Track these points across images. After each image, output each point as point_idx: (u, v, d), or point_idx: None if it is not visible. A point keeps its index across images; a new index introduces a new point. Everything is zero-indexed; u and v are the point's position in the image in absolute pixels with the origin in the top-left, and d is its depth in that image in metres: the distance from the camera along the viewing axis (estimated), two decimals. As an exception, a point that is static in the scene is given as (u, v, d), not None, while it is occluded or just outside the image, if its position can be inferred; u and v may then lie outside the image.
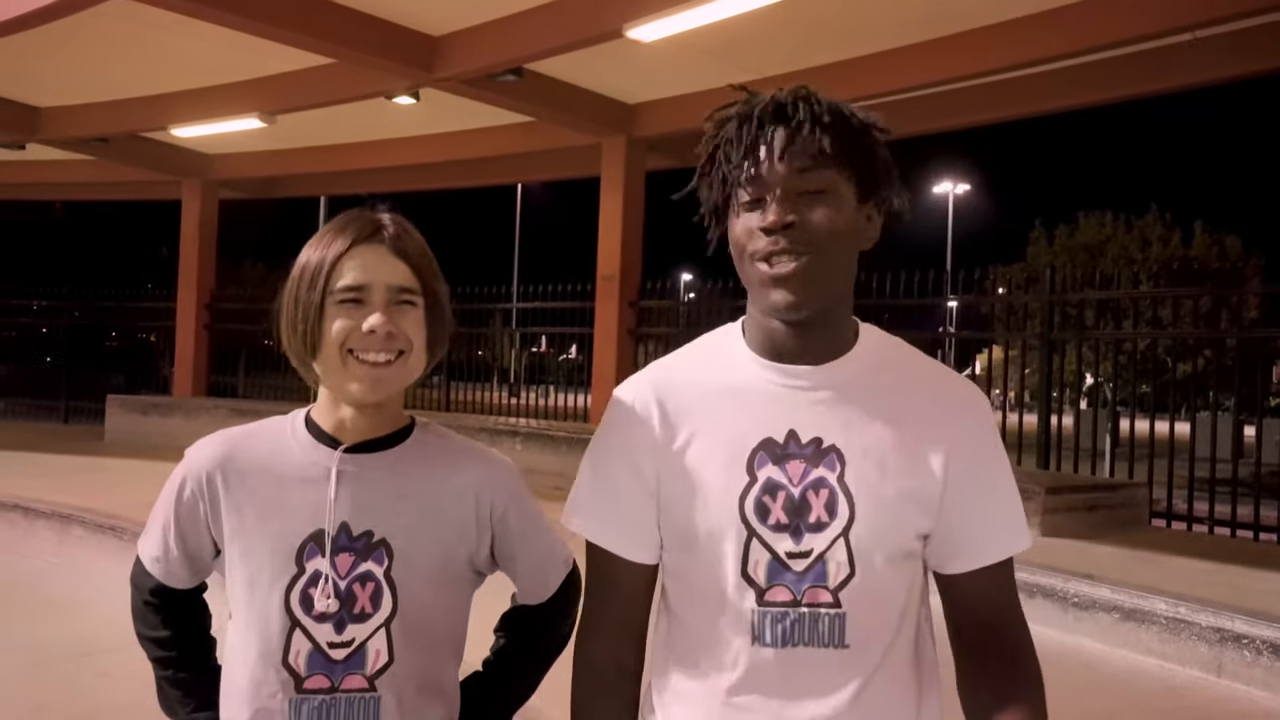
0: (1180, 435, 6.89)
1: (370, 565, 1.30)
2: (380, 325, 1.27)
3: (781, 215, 1.15)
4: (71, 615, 4.91)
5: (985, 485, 1.24)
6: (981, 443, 1.25)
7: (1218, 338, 7.14)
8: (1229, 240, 31.74)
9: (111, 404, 11.47)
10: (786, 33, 7.49)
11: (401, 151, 11.36)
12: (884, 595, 1.21)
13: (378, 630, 1.30)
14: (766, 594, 1.19)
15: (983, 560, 1.24)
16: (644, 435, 1.25)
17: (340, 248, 1.29)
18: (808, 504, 1.19)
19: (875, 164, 1.21)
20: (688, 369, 1.29)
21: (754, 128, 1.20)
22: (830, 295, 1.20)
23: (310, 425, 1.37)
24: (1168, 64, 7.40)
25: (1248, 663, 3.63)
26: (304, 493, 1.31)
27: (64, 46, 8.54)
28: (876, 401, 1.22)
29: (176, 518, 1.38)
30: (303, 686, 1.29)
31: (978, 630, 1.25)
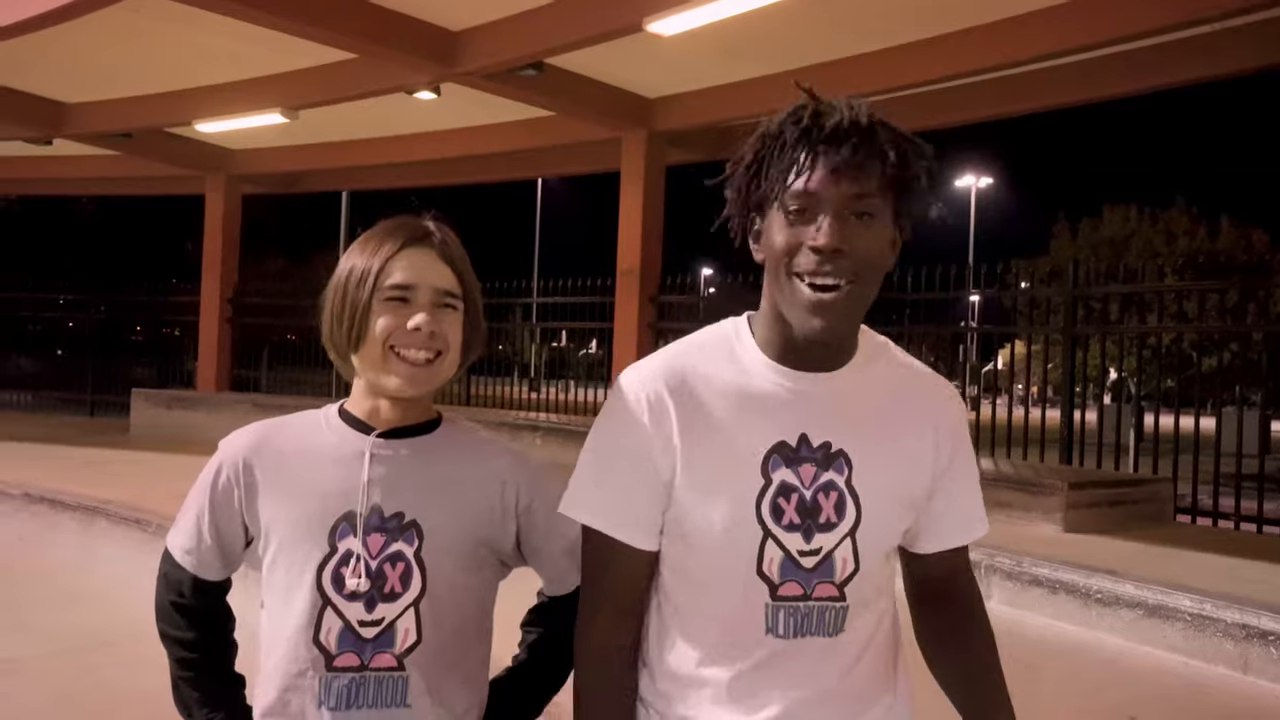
0: (1205, 430, 6.82)
1: (401, 545, 1.34)
2: (425, 324, 1.33)
3: (833, 240, 1.17)
4: (95, 606, 4.96)
5: (961, 479, 1.36)
6: (959, 440, 1.36)
7: (1244, 331, 7.06)
8: (1256, 233, 31.40)
9: (136, 398, 11.58)
10: (806, 26, 7.46)
11: (422, 146, 11.39)
12: (878, 585, 1.32)
13: (407, 609, 1.34)
14: (779, 589, 1.25)
15: (954, 543, 1.38)
16: (655, 427, 1.26)
17: (391, 249, 1.35)
18: (819, 505, 1.25)
19: (915, 196, 1.24)
20: (698, 365, 1.30)
21: (819, 140, 1.19)
22: (856, 322, 1.27)
23: (344, 415, 1.41)
24: (1193, 55, 7.30)
25: (1274, 659, 3.60)
26: (337, 474, 1.36)
27: (89, 42, 8.61)
28: (877, 406, 1.30)
29: (211, 505, 1.41)
30: (333, 664, 1.32)
31: (935, 589, 1.40)
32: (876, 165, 1.18)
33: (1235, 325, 7.07)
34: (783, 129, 1.23)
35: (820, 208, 1.18)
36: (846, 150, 1.18)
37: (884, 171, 1.19)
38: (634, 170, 9.81)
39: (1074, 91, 8.23)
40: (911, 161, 1.21)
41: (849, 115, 1.20)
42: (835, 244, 1.17)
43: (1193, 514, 6.79)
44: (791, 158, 1.20)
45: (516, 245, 74.27)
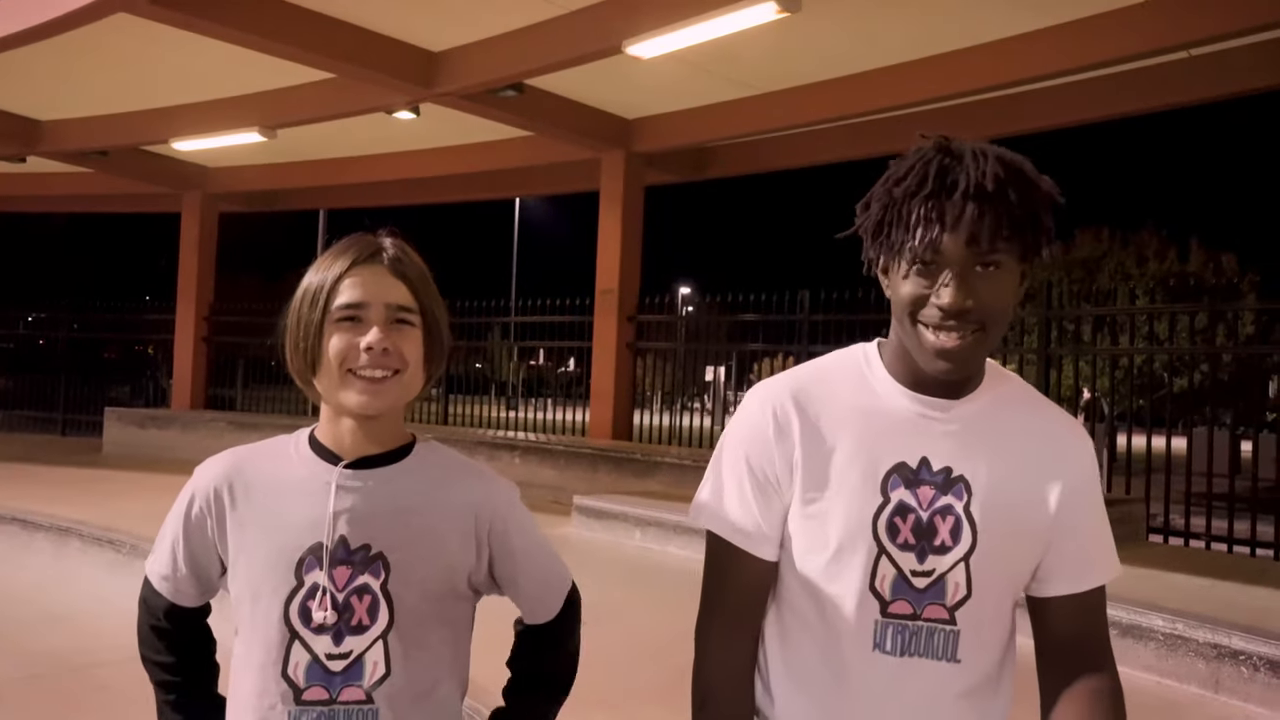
0: (1177, 450, 6.90)
1: (367, 578, 1.32)
2: (377, 342, 1.30)
3: (959, 300, 1.19)
4: (69, 628, 4.90)
5: (1086, 518, 1.34)
6: (1086, 479, 1.35)
7: (1214, 353, 7.16)
8: (1225, 257, 31.83)
9: (109, 416, 11.46)
10: (786, 49, 7.54)
11: (401, 166, 11.39)
12: (994, 618, 1.31)
13: (375, 642, 1.32)
14: (890, 606, 1.28)
15: (1078, 586, 1.34)
16: (779, 440, 1.31)
17: (341, 268, 1.33)
18: (934, 528, 1.27)
19: (1042, 234, 1.23)
20: (828, 384, 1.34)
21: (944, 195, 1.19)
22: (984, 360, 1.30)
23: (313, 443, 1.39)
24: (1164, 82, 7.44)
25: (1245, 679, 3.63)
26: (304, 507, 1.34)
27: (65, 60, 8.57)
28: (1002, 436, 1.30)
29: (185, 534, 1.41)
30: (301, 698, 1.31)
31: (1062, 652, 1.33)
32: (1004, 221, 1.19)
33: (1205, 347, 7.17)
34: (906, 184, 1.22)
35: (945, 264, 1.20)
36: (972, 210, 1.18)
37: (1010, 227, 1.19)
38: (613, 190, 9.85)
39: (1046, 117, 8.35)
40: (1035, 209, 1.21)
41: (975, 175, 1.18)
42: (960, 305, 1.20)
43: (1165, 534, 6.85)
44: (919, 216, 1.20)
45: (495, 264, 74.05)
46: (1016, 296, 1.27)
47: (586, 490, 7.25)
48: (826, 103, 8.22)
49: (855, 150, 9.32)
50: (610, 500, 6.72)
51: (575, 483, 7.74)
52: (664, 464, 7.67)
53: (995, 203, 1.18)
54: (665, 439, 9.65)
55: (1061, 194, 1.26)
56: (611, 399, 9.62)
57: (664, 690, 3.46)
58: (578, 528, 6.64)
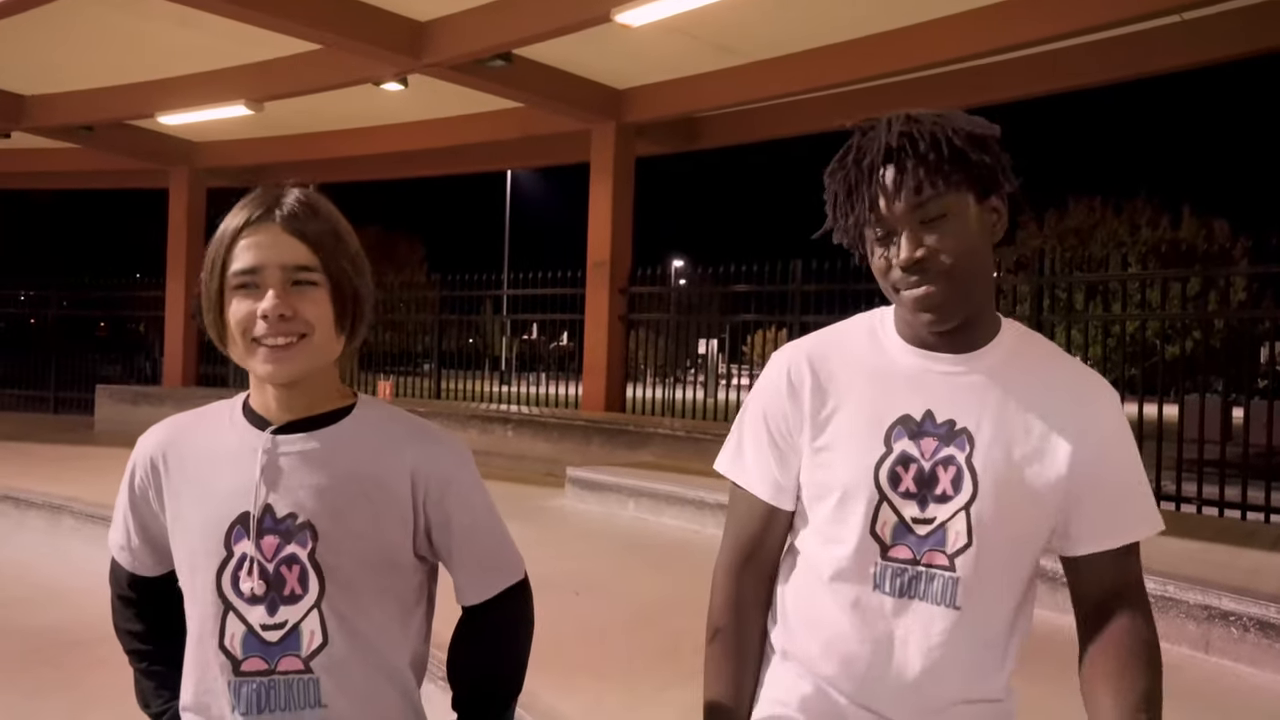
0: (1169, 417, 6.93)
1: (294, 548, 1.28)
2: (273, 309, 1.23)
3: (911, 252, 1.27)
4: (65, 604, 4.90)
5: (1111, 475, 1.35)
6: (1111, 434, 1.35)
7: (1206, 319, 7.17)
8: (1217, 223, 31.87)
9: (101, 394, 11.43)
10: (776, 16, 7.48)
11: (390, 138, 11.30)
12: (998, 569, 1.34)
13: (310, 612, 1.29)
14: (890, 550, 1.34)
15: (1106, 544, 1.35)
16: (793, 397, 1.41)
17: (234, 227, 1.27)
18: (936, 477, 1.33)
19: (986, 169, 1.29)
20: (841, 344, 1.43)
21: (867, 173, 1.30)
22: (971, 303, 1.32)
23: (246, 409, 1.36)
24: (1156, 46, 7.40)
25: (1235, 639, 3.66)
26: (233, 474, 1.30)
27: (48, 34, 8.47)
28: (1011, 391, 1.34)
29: (132, 505, 1.39)
30: (240, 669, 1.29)
31: (1096, 612, 1.35)
32: (921, 172, 1.26)
33: (1197, 313, 7.18)
34: (834, 175, 1.36)
35: (892, 227, 1.29)
36: (891, 173, 1.28)
37: (933, 173, 1.26)
38: (603, 162, 9.79)
39: (1039, 83, 8.31)
40: (960, 147, 1.27)
41: (882, 141, 1.29)
42: (910, 257, 1.27)
43: (1157, 499, 6.89)
44: (856, 197, 1.31)
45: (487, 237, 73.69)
46: (988, 237, 1.32)
47: (580, 462, 7.26)
48: (817, 71, 8.17)
49: (846, 119, 9.19)
50: (603, 472, 6.73)
51: (568, 455, 7.75)
52: (657, 435, 7.69)
53: (907, 157, 1.27)
54: (658, 410, 9.66)
55: (990, 126, 1.30)
56: (604, 371, 9.61)
57: (658, 657, 3.48)
58: (571, 499, 6.66)
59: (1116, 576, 1.36)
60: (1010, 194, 1.35)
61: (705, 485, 5.85)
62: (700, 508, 5.71)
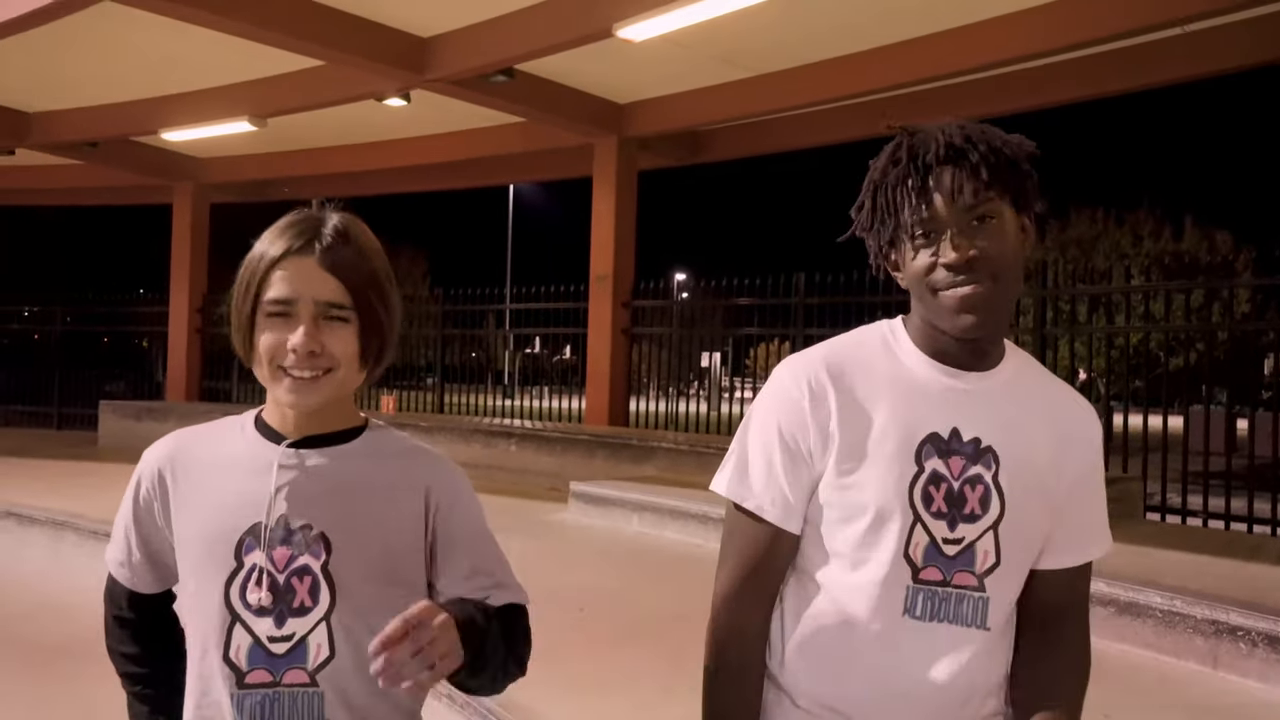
0: (1173, 429, 6.91)
1: (307, 559, 1.29)
2: (303, 344, 1.26)
3: (963, 252, 1.26)
4: (68, 620, 4.89)
5: (1089, 495, 1.40)
6: (1096, 456, 1.41)
7: (1210, 331, 7.16)
8: (1220, 234, 31.86)
9: (104, 409, 11.43)
10: (778, 30, 7.50)
11: (393, 153, 11.34)
12: (1017, 585, 1.36)
13: (318, 624, 1.29)
14: (921, 573, 1.31)
15: (1076, 560, 1.40)
16: (814, 412, 1.33)
17: (273, 256, 1.28)
18: (964, 497, 1.31)
19: (1026, 183, 1.31)
20: (858, 356, 1.37)
21: (922, 170, 1.29)
22: (1005, 315, 1.34)
23: (259, 423, 1.37)
24: (1159, 58, 7.42)
25: (1243, 655, 3.63)
26: (246, 486, 1.31)
27: (53, 51, 8.51)
28: (1025, 409, 1.35)
29: (135, 519, 1.39)
30: (244, 681, 1.29)
31: (1044, 617, 1.38)
32: (981, 174, 1.27)
33: (1201, 325, 7.16)
34: (886, 172, 1.33)
35: (941, 227, 1.28)
36: (950, 170, 1.28)
37: (988, 176, 1.27)
38: (606, 175, 9.81)
39: (1041, 95, 8.34)
40: (1012, 157, 1.29)
41: (944, 139, 1.29)
42: (964, 256, 1.26)
43: (1162, 512, 6.87)
44: (904, 194, 1.30)
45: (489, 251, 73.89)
46: (1023, 249, 1.32)
47: (583, 476, 7.24)
48: (820, 84, 8.19)
49: (850, 132, 9.29)
50: (607, 486, 6.71)
51: (572, 469, 7.73)
52: (660, 449, 7.67)
53: (969, 157, 1.27)
54: (661, 424, 9.64)
55: (1036, 149, 1.33)
56: (607, 385, 9.61)
57: (663, 672, 3.46)
58: (575, 514, 6.64)
59: (1071, 592, 1.40)
60: (1038, 214, 1.37)
61: (709, 499, 5.82)
62: (704, 522, 5.69)
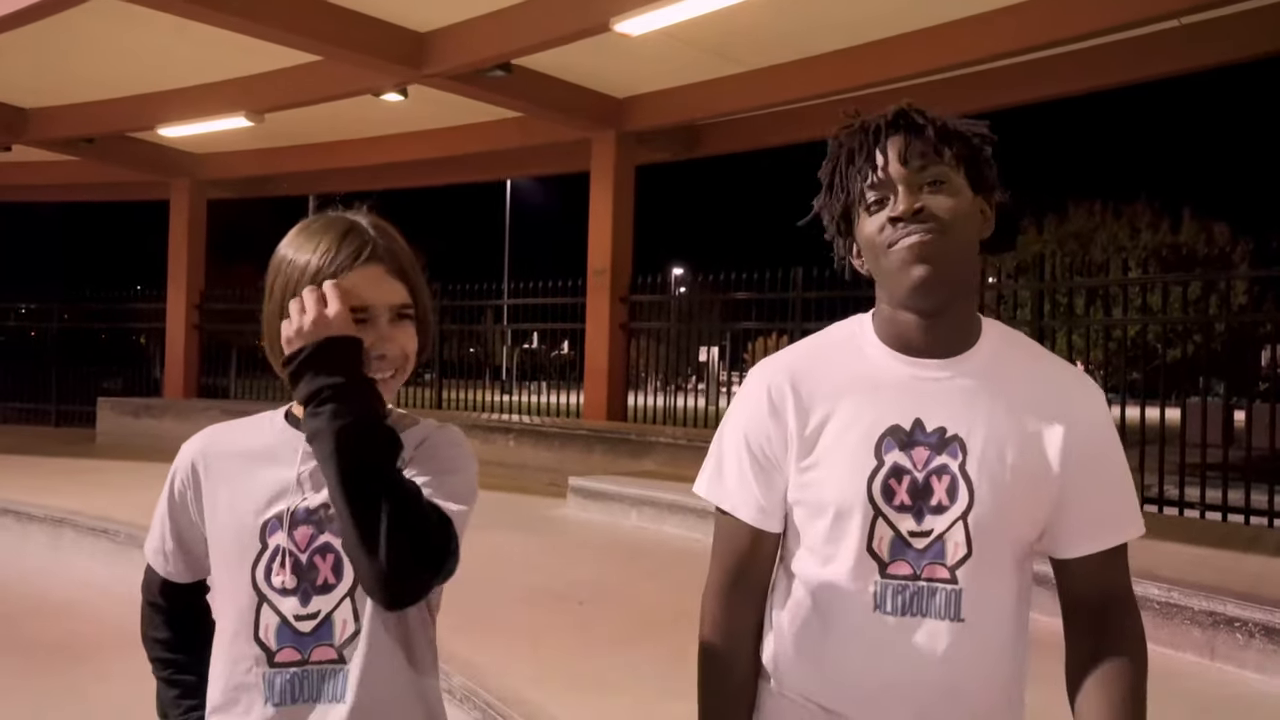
0: (1171, 421, 6.92)
1: (328, 537, 1.33)
2: (390, 349, 1.34)
3: (910, 203, 1.26)
4: (67, 618, 4.90)
5: (1099, 474, 1.33)
6: (1096, 433, 1.34)
7: (1207, 323, 7.17)
8: (1217, 226, 31.87)
9: (102, 406, 11.43)
10: (777, 24, 7.50)
11: (390, 148, 11.33)
12: (999, 576, 1.32)
13: (342, 600, 1.33)
14: (889, 567, 1.30)
15: (1095, 546, 1.34)
16: (775, 415, 1.35)
17: (340, 264, 1.31)
18: (930, 488, 1.29)
19: (980, 161, 1.32)
20: (820, 357, 1.39)
21: (872, 138, 1.31)
22: (959, 277, 1.30)
23: (289, 417, 1.42)
24: (1155, 51, 7.42)
25: (1240, 645, 3.65)
26: (273, 473, 1.36)
27: (49, 47, 8.49)
28: (998, 395, 1.31)
29: (170, 512, 1.44)
30: (274, 660, 1.33)
31: (1087, 614, 1.35)
32: (929, 140, 1.28)
33: (1198, 317, 7.17)
34: (839, 146, 1.35)
35: (892, 189, 1.28)
36: (897, 138, 1.29)
37: (936, 138, 1.28)
38: (603, 170, 9.81)
39: (1039, 88, 8.34)
40: (964, 131, 1.31)
41: (894, 111, 1.31)
42: (911, 206, 1.26)
43: (1159, 504, 6.88)
44: (857, 164, 1.31)
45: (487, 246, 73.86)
46: (977, 228, 1.32)
47: (582, 471, 7.25)
48: (818, 78, 8.18)
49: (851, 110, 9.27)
50: (605, 481, 6.72)
51: (570, 464, 7.75)
52: (659, 444, 7.68)
53: (918, 125, 1.29)
54: (659, 419, 9.65)
55: (989, 132, 1.33)
56: (605, 380, 9.61)
57: (663, 667, 3.47)
58: (574, 509, 6.65)
59: (1108, 580, 1.35)
60: (1000, 204, 1.36)
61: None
62: (703, 516, 5.69)
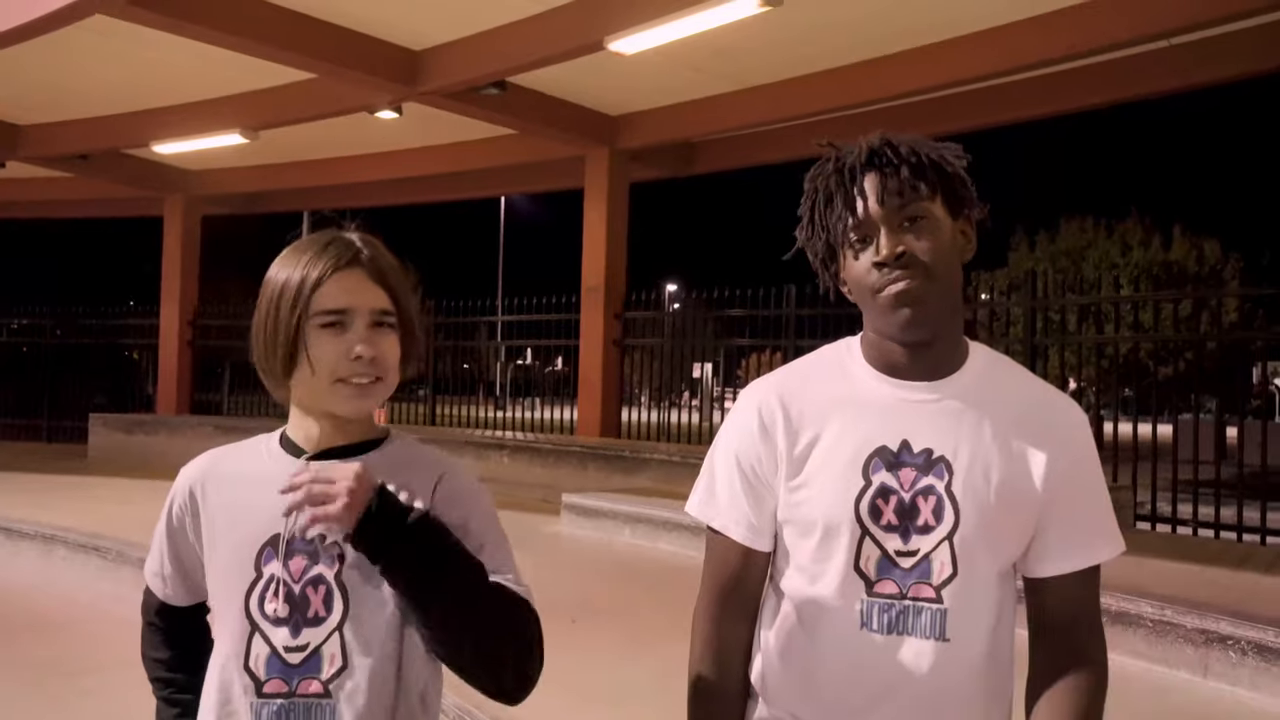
0: (1163, 437, 6.94)
1: (322, 568, 1.32)
2: (366, 351, 1.31)
3: (892, 248, 1.28)
4: (57, 635, 4.87)
5: (1079, 495, 1.35)
6: (1079, 456, 1.36)
7: (1198, 340, 7.20)
8: (1208, 243, 32.00)
9: (94, 422, 11.39)
10: (770, 43, 7.54)
11: (385, 165, 11.35)
12: (984, 596, 1.33)
13: (331, 635, 1.32)
14: (875, 586, 1.32)
15: (1070, 566, 1.35)
16: (765, 436, 1.38)
17: (320, 271, 1.33)
18: (917, 508, 1.31)
19: (955, 186, 1.34)
20: (810, 378, 1.42)
21: (848, 178, 1.32)
22: (944, 313, 1.33)
23: (284, 440, 1.41)
24: (1145, 70, 7.48)
25: (1233, 663, 3.65)
26: (267, 500, 1.33)
27: (44, 63, 8.51)
28: (984, 417, 1.33)
29: (169, 536, 1.44)
30: (262, 690, 1.32)
31: (1052, 632, 1.36)
32: (904, 174, 1.30)
33: (1190, 334, 7.21)
34: (815, 187, 1.37)
35: (873, 230, 1.30)
36: (873, 176, 1.31)
37: (914, 177, 1.29)
38: (598, 187, 9.84)
39: (1030, 106, 8.39)
40: (937, 159, 1.32)
41: (864, 146, 1.33)
42: (893, 250, 1.28)
43: (1152, 521, 6.89)
44: (834, 204, 1.33)
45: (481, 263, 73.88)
46: (958, 254, 1.34)
47: (576, 488, 7.24)
48: (811, 96, 8.23)
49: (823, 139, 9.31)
50: (599, 498, 6.71)
51: (564, 481, 7.73)
52: (652, 460, 7.67)
53: (890, 161, 1.30)
54: (653, 435, 9.64)
55: (964, 154, 1.35)
56: (599, 396, 9.61)
57: (655, 684, 3.46)
58: (567, 526, 6.63)
59: (1078, 599, 1.36)
60: (979, 222, 1.38)
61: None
62: (696, 533, 5.68)
